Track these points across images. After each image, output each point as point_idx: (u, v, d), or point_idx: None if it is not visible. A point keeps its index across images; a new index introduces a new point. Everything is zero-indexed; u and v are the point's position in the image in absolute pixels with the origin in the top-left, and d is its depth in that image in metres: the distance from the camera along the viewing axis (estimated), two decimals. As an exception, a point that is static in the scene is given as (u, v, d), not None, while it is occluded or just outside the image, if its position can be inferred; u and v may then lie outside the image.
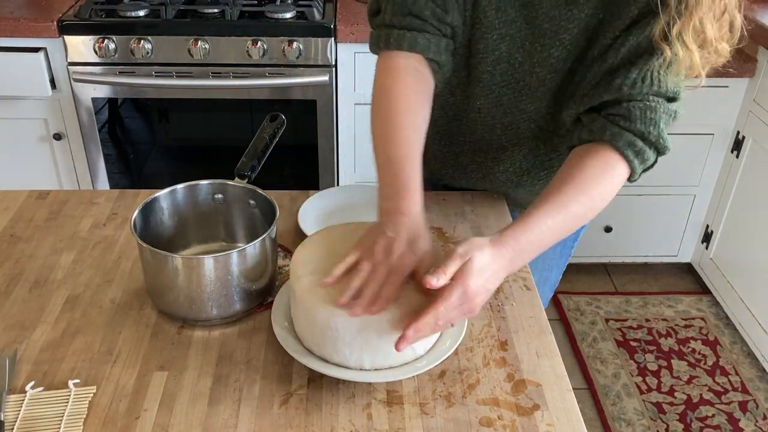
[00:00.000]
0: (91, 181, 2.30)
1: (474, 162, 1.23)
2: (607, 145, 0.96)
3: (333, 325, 0.84)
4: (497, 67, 1.08)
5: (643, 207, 2.43)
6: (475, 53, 1.08)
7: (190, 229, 1.09)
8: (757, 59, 2.14)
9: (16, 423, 0.83)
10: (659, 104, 0.96)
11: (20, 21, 2.02)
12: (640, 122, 0.95)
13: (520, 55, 1.06)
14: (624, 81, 0.95)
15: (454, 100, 1.16)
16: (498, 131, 1.16)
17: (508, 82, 1.09)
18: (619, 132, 0.95)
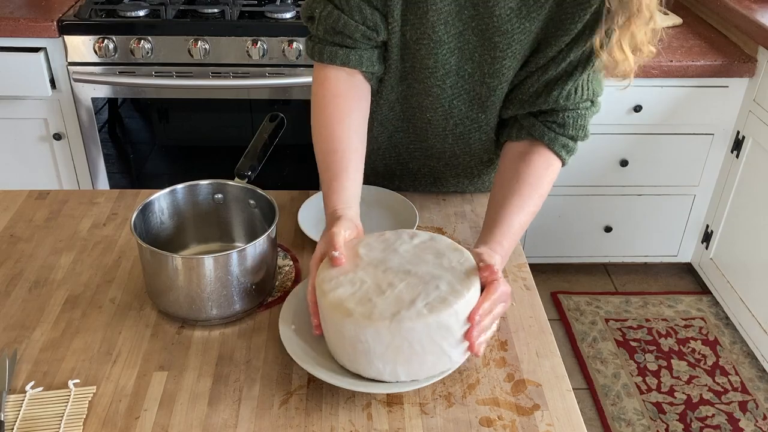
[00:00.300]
0: (91, 181, 2.30)
1: (426, 167, 1.26)
2: (543, 146, 1.09)
3: (363, 339, 0.83)
4: (447, 81, 1.10)
5: (643, 207, 2.43)
6: (424, 68, 1.09)
7: (190, 229, 1.09)
8: (757, 59, 2.14)
9: (16, 423, 0.83)
10: (588, 110, 1.09)
11: (20, 21, 2.02)
12: (572, 129, 1.08)
13: (470, 66, 1.09)
14: (560, 93, 1.06)
15: (393, 115, 1.19)
16: (450, 141, 1.19)
17: (458, 94, 1.12)
18: (556, 137, 1.08)
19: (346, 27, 1.04)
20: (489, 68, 1.08)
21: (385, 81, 1.14)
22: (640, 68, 1.04)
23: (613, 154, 2.31)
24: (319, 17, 1.06)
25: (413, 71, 1.11)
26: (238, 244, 1.10)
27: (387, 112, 1.19)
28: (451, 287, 0.86)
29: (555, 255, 2.54)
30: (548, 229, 2.47)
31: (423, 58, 1.08)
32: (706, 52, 2.17)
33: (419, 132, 1.20)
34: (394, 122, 1.20)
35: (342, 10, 1.04)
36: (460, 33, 1.05)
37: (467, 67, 1.09)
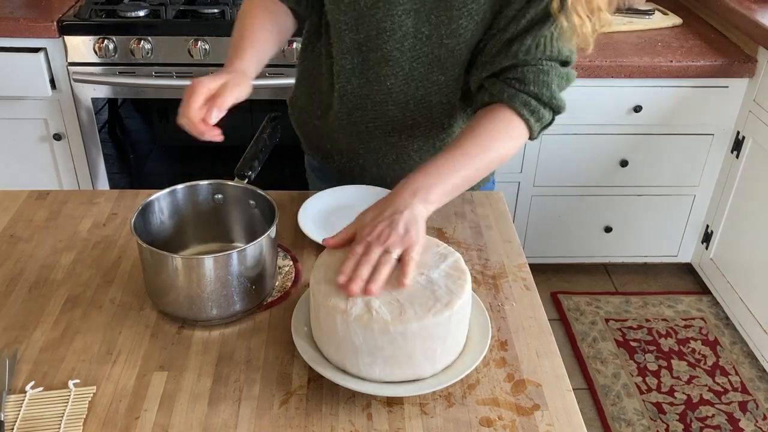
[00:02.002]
0: (91, 181, 2.30)
1: (387, 144, 1.25)
2: (505, 106, 1.06)
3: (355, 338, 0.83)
4: (405, 43, 1.11)
5: (643, 207, 2.43)
6: (381, 32, 1.10)
7: (190, 229, 1.09)
8: (757, 59, 2.14)
9: (16, 423, 0.83)
10: (552, 68, 1.06)
11: (20, 21, 2.02)
12: (533, 85, 1.05)
13: (427, 28, 1.09)
14: (520, 48, 1.04)
15: (351, 87, 1.20)
16: (411, 107, 1.19)
17: (417, 57, 1.13)
18: (515, 93, 1.05)
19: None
20: (446, 29, 1.08)
21: (338, 47, 1.16)
22: (641, 68, 1.04)
23: (613, 154, 2.31)
24: None
25: (368, 40, 1.13)
26: (238, 244, 1.10)
27: (345, 83, 1.19)
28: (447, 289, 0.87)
29: (555, 255, 2.54)
30: (548, 229, 2.47)
31: (379, 22, 1.09)
32: (706, 52, 2.17)
33: (379, 106, 1.20)
34: (352, 98, 1.21)
35: None
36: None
37: (424, 29, 1.09)
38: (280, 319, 1.00)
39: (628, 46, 2.19)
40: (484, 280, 1.08)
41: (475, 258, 1.13)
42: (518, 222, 2.43)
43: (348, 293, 0.84)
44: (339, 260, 0.91)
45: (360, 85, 1.19)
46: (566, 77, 1.09)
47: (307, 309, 0.95)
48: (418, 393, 0.85)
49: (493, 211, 1.25)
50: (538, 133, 1.09)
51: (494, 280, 1.08)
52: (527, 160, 2.32)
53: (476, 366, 0.91)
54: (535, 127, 1.07)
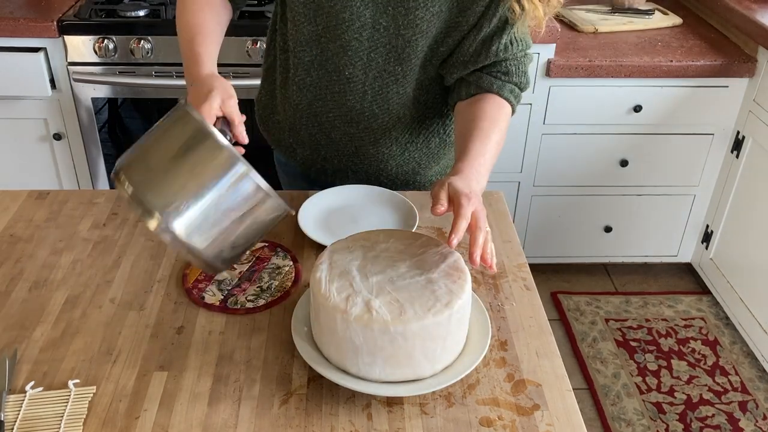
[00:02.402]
0: (91, 181, 2.30)
1: (346, 135, 1.28)
2: (494, 95, 1.18)
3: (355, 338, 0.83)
4: (363, 33, 1.15)
5: (643, 207, 2.43)
6: (340, 22, 1.14)
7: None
8: (757, 59, 2.14)
9: (16, 423, 0.83)
10: (525, 57, 1.20)
11: (20, 21, 2.02)
12: (516, 76, 1.19)
13: (384, 19, 1.13)
14: (498, 47, 1.16)
15: (310, 79, 1.23)
16: (369, 97, 1.22)
17: (375, 47, 1.16)
18: (503, 84, 1.18)
19: None
20: (403, 20, 1.12)
21: (295, 39, 1.19)
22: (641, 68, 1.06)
23: (613, 154, 2.31)
24: None
25: (327, 30, 1.16)
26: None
27: (303, 76, 1.23)
28: (447, 289, 0.87)
29: (555, 255, 2.54)
30: (548, 229, 2.47)
31: (338, 13, 1.13)
32: (706, 52, 2.17)
33: (338, 97, 1.23)
34: (311, 89, 1.24)
35: None
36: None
37: (382, 21, 1.13)
38: (280, 319, 1.00)
39: (628, 46, 2.19)
40: (484, 280, 1.08)
41: (475, 258, 1.13)
42: (518, 222, 2.43)
43: (473, 261, 0.89)
44: (342, 259, 0.91)
45: (319, 76, 1.22)
46: (530, 61, 1.22)
47: (307, 309, 0.95)
48: (418, 393, 0.85)
49: (493, 211, 1.25)
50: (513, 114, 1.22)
51: (494, 280, 1.09)
52: (527, 160, 2.32)
53: (476, 366, 0.91)
54: (515, 109, 1.21)
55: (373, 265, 0.90)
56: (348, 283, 0.87)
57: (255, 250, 1.13)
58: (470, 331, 0.93)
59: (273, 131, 1.37)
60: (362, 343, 0.83)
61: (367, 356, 0.84)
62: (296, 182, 1.43)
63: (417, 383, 0.86)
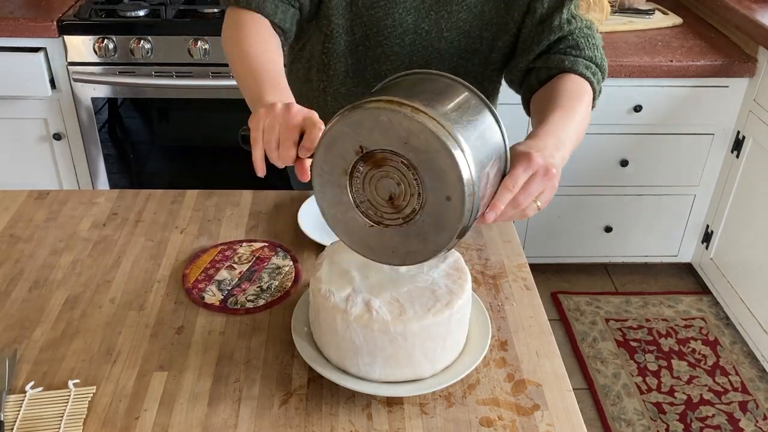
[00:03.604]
0: (91, 181, 2.30)
1: None
2: (569, 74, 1.08)
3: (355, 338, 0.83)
4: (406, 38, 1.14)
5: (643, 207, 2.43)
6: (382, 29, 1.13)
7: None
8: (757, 59, 2.14)
9: (16, 423, 0.83)
10: (592, 31, 1.11)
11: (20, 21, 2.02)
12: (587, 49, 1.09)
13: (426, 24, 1.12)
14: (560, 21, 1.08)
15: (346, 89, 1.22)
16: None
17: (417, 50, 1.16)
18: (575, 60, 1.08)
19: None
20: (446, 23, 1.12)
21: (332, 52, 1.17)
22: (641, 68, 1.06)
23: (613, 154, 2.31)
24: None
25: (366, 39, 1.14)
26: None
27: (338, 86, 1.22)
28: (447, 289, 0.87)
29: (555, 255, 2.54)
30: (548, 229, 2.47)
31: (380, 20, 1.11)
32: (706, 52, 2.17)
33: None
34: (347, 98, 1.23)
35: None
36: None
37: (424, 25, 1.12)
38: (280, 319, 1.00)
39: (628, 46, 2.19)
40: (484, 280, 1.08)
41: (475, 258, 1.13)
42: (518, 222, 2.43)
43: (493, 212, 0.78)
44: (342, 259, 0.91)
45: (354, 84, 1.21)
46: (600, 41, 1.13)
47: (307, 309, 0.95)
48: (418, 393, 0.85)
49: (493, 211, 1.25)
50: (597, 97, 1.11)
51: (494, 280, 1.08)
52: (527, 160, 2.31)
53: (476, 366, 0.91)
54: (597, 89, 1.10)
55: (373, 265, 0.90)
56: (348, 283, 0.87)
57: (255, 250, 1.13)
58: (470, 331, 0.93)
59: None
60: (362, 343, 0.83)
61: (367, 356, 0.84)
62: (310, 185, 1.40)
63: (417, 383, 0.86)
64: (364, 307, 0.84)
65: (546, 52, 1.11)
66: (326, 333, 0.87)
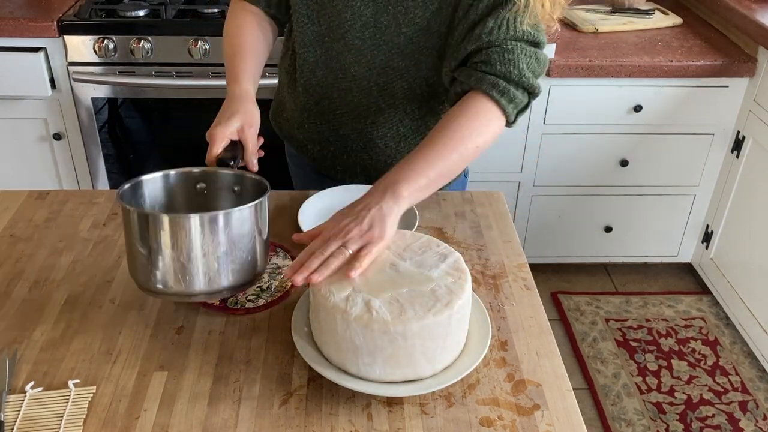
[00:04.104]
0: (91, 181, 2.30)
1: (354, 131, 1.28)
2: (476, 92, 1.04)
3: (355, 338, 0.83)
4: (366, 32, 1.16)
5: (643, 207, 2.43)
6: (342, 22, 1.15)
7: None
8: (757, 59, 2.14)
9: (16, 423, 0.83)
10: (517, 47, 1.04)
11: (20, 21, 2.02)
12: (499, 64, 1.03)
13: (385, 18, 1.14)
14: (482, 30, 1.04)
15: (316, 79, 1.25)
16: (375, 93, 1.22)
17: (377, 44, 1.16)
18: (482, 76, 1.04)
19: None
20: (403, 18, 1.12)
21: (300, 41, 1.22)
22: (641, 68, 1.05)
23: (613, 154, 2.31)
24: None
25: (330, 30, 1.18)
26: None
27: (309, 76, 1.25)
28: (447, 289, 0.87)
29: (555, 255, 2.54)
30: (548, 229, 2.47)
31: (340, 12, 1.14)
32: (706, 52, 2.17)
33: (344, 94, 1.24)
34: (318, 89, 1.26)
35: None
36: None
37: (383, 20, 1.14)
38: (280, 319, 1.00)
39: (628, 46, 2.19)
40: (484, 280, 1.08)
41: (475, 258, 1.13)
42: (518, 222, 2.43)
43: (292, 282, 0.86)
44: None
45: (324, 75, 1.24)
46: (535, 57, 1.06)
47: (307, 309, 0.95)
48: (418, 393, 0.85)
49: (493, 211, 1.25)
50: (514, 116, 1.06)
51: (494, 280, 1.09)
52: (527, 160, 2.32)
53: (476, 366, 0.91)
54: (509, 109, 1.04)
55: (373, 265, 0.90)
56: (348, 283, 0.87)
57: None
58: (470, 331, 0.93)
59: (284, 127, 1.39)
60: (362, 343, 0.83)
61: (367, 356, 0.84)
62: (307, 175, 1.44)
63: (417, 383, 0.86)
64: (364, 307, 0.84)
65: (464, 64, 1.09)
66: (326, 333, 0.87)
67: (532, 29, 1.05)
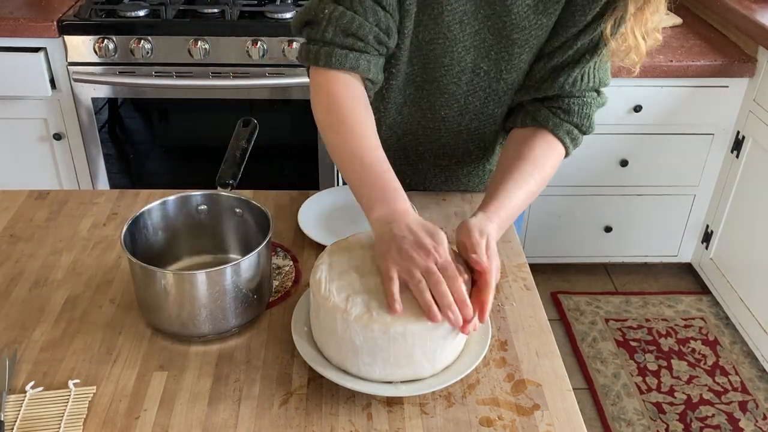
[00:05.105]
0: (91, 181, 2.30)
1: (437, 167, 1.26)
2: (548, 132, 1.09)
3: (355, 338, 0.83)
4: (463, 78, 1.11)
5: (643, 207, 2.43)
6: (439, 66, 1.09)
7: (182, 241, 1.06)
8: (757, 59, 2.14)
9: (16, 423, 0.83)
10: (593, 99, 1.10)
11: (20, 21, 2.02)
12: (577, 117, 1.09)
13: (486, 64, 1.09)
14: (566, 79, 1.07)
15: (401, 118, 1.19)
16: (464, 135, 1.20)
17: (474, 90, 1.13)
18: (560, 123, 1.09)
19: (360, 29, 0.99)
20: (506, 65, 1.09)
21: (393, 86, 1.13)
22: (640, 68, 1.05)
23: (613, 154, 2.31)
24: (329, 18, 0.99)
25: (423, 72, 1.11)
26: (233, 255, 1.07)
27: (395, 116, 1.18)
28: None
29: (555, 255, 2.54)
30: (548, 229, 2.47)
31: (438, 57, 1.08)
32: (706, 52, 2.17)
33: (430, 132, 1.20)
34: (402, 126, 1.20)
35: (356, 11, 0.99)
36: (476, 32, 1.05)
37: (483, 65, 1.10)
38: (280, 319, 1.00)
39: (628, 46, 2.19)
40: (484, 280, 1.08)
41: (475, 258, 1.13)
42: (518, 222, 2.42)
43: (434, 319, 0.82)
44: (342, 259, 0.91)
45: (411, 113, 1.18)
46: (601, 104, 1.12)
47: (307, 309, 0.95)
48: (418, 393, 0.85)
49: (493, 211, 1.25)
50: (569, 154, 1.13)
51: (494, 280, 1.08)
52: (527, 160, 2.31)
53: (476, 366, 0.91)
54: (571, 150, 1.11)
55: (373, 265, 0.90)
56: (348, 283, 0.87)
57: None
58: None
59: None
60: (362, 343, 0.83)
61: (367, 356, 0.84)
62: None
63: (417, 383, 0.86)
64: (364, 307, 0.84)
65: (540, 100, 1.11)
66: (326, 333, 0.87)
67: (606, 76, 1.10)
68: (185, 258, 1.08)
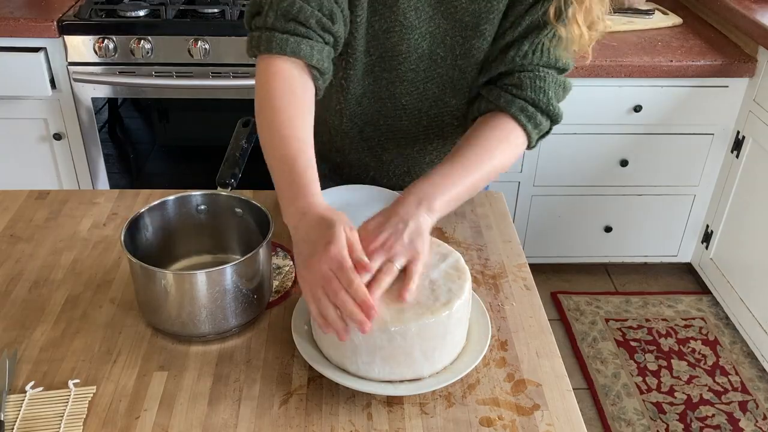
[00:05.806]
0: (91, 181, 2.30)
1: (400, 156, 1.25)
2: (503, 113, 1.05)
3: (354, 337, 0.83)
4: (420, 65, 1.12)
5: (643, 207, 2.43)
6: (396, 54, 1.10)
7: (182, 241, 1.06)
8: (757, 59, 2.14)
9: (16, 423, 0.83)
10: (548, 74, 1.05)
11: (20, 21, 2.02)
12: (530, 90, 1.04)
13: (442, 50, 1.10)
14: (516, 53, 1.05)
15: (361, 109, 1.18)
16: (425, 122, 1.20)
17: (432, 77, 1.13)
18: (512, 99, 1.05)
19: (300, 12, 0.96)
20: (460, 50, 1.09)
21: (351, 76, 1.14)
22: (641, 68, 1.04)
23: (613, 154, 2.31)
24: (270, 4, 0.97)
25: (381, 61, 1.12)
26: (233, 255, 1.07)
27: (355, 107, 1.19)
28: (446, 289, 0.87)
29: (555, 255, 2.54)
30: (548, 229, 2.47)
31: (395, 45, 1.09)
32: (706, 52, 2.17)
33: (392, 121, 1.20)
34: (363, 116, 1.20)
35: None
36: (431, 17, 1.07)
37: (440, 51, 1.10)
38: (280, 319, 1.00)
39: (628, 46, 2.19)
40: (484, 280, 1.08)
41: (475, 258, 1.13)
42: (518, 222, 2.43)
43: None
44: None
45: (370, 104, 1.18)
46: (563, 85, 1.08)
47: (307, 309, 0.95)
48: (418, 392, 0.85)
49: (493, 211, 1.25)
50: (535, 141, 1.08)
51: (494, 280, 1.09)
52: (527, 160, 2.32)
53: (476, 366, 0.91)
54: (533, 134, 1.06)
55: None
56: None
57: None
58: (470, 331, 0.93)
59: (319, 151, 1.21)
60: (361, 342, 0.83)
61: (366, 355, 0.84)
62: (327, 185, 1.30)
63: (417, 383, 0.86)
64: None
65: (493, 83, 1.09)
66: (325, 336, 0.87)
67: (563, 56, 1.06)
68: (185, 258, 1.08)
